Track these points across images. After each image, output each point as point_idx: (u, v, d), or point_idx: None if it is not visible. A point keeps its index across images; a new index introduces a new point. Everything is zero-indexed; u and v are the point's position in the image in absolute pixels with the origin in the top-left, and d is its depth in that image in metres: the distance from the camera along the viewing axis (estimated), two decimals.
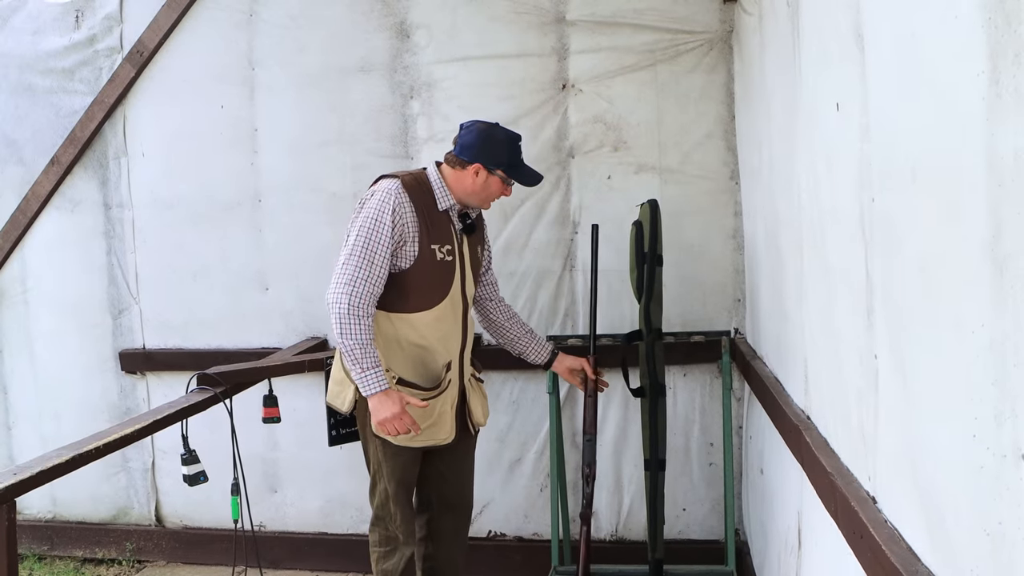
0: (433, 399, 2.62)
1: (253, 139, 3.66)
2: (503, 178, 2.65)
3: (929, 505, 1.19)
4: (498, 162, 2.61)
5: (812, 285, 1.93)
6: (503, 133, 2.66)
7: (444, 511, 2.85)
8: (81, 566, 3.97)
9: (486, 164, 2.60)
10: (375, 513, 2.73)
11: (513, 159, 2.65)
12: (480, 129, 2.63)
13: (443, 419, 2.67)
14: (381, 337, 2.57)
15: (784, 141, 2.20)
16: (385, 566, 2.73)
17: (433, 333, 2.62)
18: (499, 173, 2.63)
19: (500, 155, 2.62)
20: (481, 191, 2.64)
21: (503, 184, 2.66)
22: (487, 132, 2.63)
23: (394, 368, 2.59)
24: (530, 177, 2.70)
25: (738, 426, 3.33)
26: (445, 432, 2.68)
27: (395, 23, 3.48)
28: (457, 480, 2.85)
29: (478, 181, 2.61)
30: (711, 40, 3.23)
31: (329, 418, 2.96)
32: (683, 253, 3.30)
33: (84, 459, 2.29)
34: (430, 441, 2.66)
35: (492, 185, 2.64)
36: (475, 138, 2.61)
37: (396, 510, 2.67)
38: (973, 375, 0.99)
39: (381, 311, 2.57)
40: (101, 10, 3.75)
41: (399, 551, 2.71)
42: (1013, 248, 0.88)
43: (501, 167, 2.62)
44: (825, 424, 1.86)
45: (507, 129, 2.70)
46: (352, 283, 2.47)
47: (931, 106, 1.10)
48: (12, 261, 3.99)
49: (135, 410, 3.86)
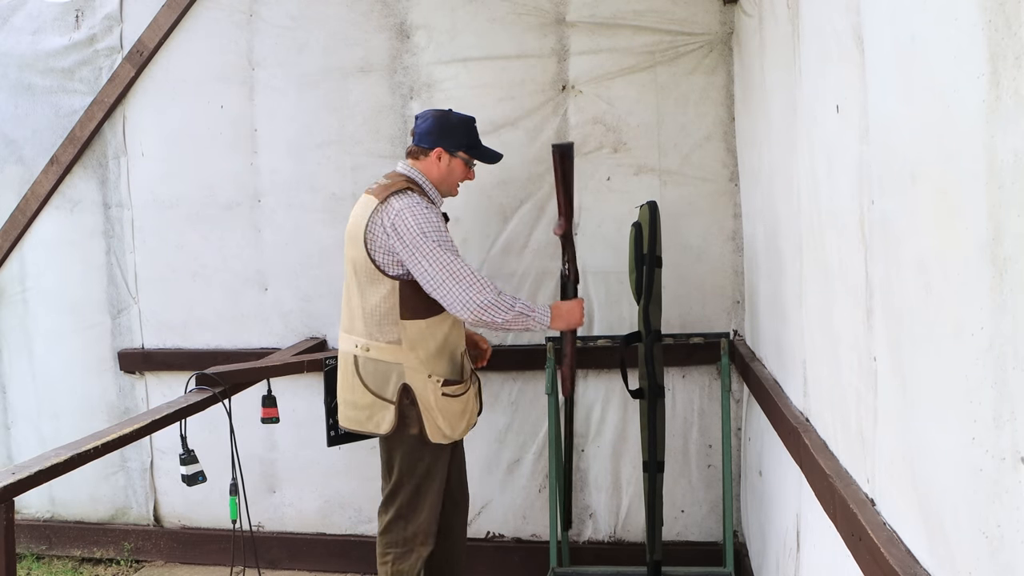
0: (467, 391, 2.72)
1: (253, 139, 3.66)
2: (465, 159, 2.73)
3: (928, 507, 1.19)
4: (458, 144, 2.70)
5: (811, 287, 1.93)
6: (457, 116, 2.75)
7: (452, 507, 2.88)
8: (79, 566, 3.97)
9: (447, 148, 2.68)
10: (394, 513, 2.70)
11: (472, 140, 2.75)
12: (435, 115, 2.72)
13: (473, 403, 2.79)
14: (422, 346, 2.61)
15: (784, 143, 2.20)
16: (402, 567, 2.71)
17: (454, 326, 2.71)
18: (461, 155, 2.71)
19: (459, 137, 2.71)
20: (447, 176, 2.72)
21: (466, 167, 2.74)
22: (442, 117, 2.72)
23: (436, 372, 2.63)
24: (491, 156, 2.78)
25: (737, 428, 3.33)
26: (475, 415, 2.82)
27: (395, 24, 3.48)
28: (461, 475, 2.93)
29: (442, 166, 2.69)
30: (711, 42, 3.23)
31: (328, 418, 2.96)
32: (682, 255, 3.30)
33: (82, 459, 2.29)
34: (469, 428, 2.79)
35: (456, 169, 2.72)
36: (431, 124, 2.70)
37: (425, 508, 2.69)
38: (972, 377, 0.99)
39: (420, 320, 2.60)
40: (101, 10, 3.75)
41: (416, 552, 2.70)
42: (1013, 250, 0.88)
43: (461, 148, 2.71)
44: (824, 426, 1.86)
45: (460, 113, 2.78)
46: (470, 282, 2.53)
47: (931, 108, 1.10)
48: (11, 260, 3.99)
49: (134, 410, 3.86)
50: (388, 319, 2.59)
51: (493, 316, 2.54)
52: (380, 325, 2.59)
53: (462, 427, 2.72)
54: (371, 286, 2.59)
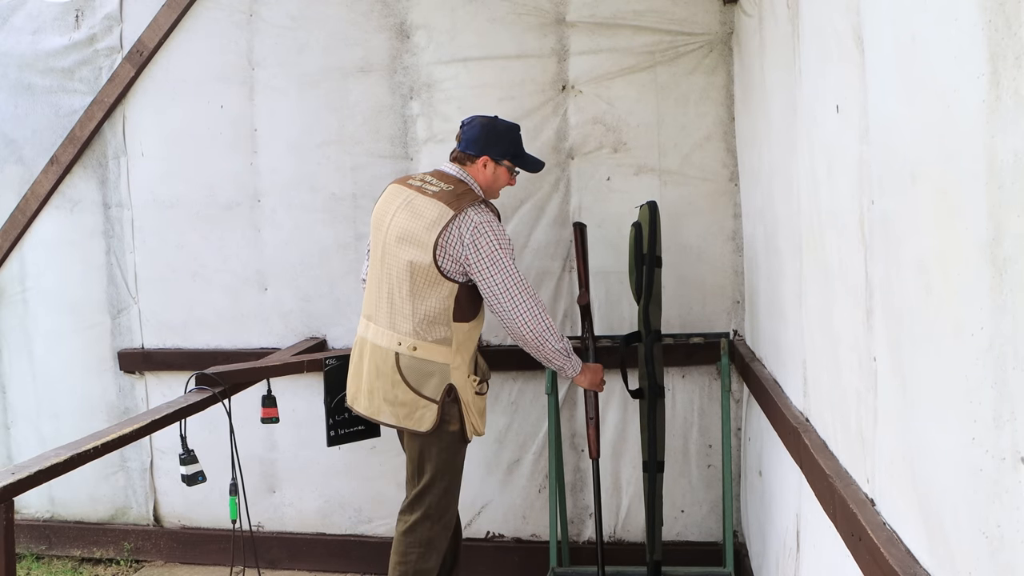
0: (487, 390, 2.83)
1: (253, 139, 3.66)
2: (509, 167, 2.78)
3: (928, 507, 1.18)
4: (504, 152, 2.75)
5: (811, 287, 1.93)
6: (504, 124, 2.80)
7: None
8: (79, 566, 3.97)
9: (493, 156, 2.73)
10: (423, 513, 2.71)
11: (517, 148, 2.81)
12: (482, 123, 2.76)
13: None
14: (468, 347, 2.71)
15: (784, 143, 2.20)
16: (425, 566, 2.72)
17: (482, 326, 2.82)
18: (505, 163, 2.76)
19: (505, 145, 2.76)
20: (492, 183, 2.77)
21: (509, 174, 2.80)
22: (490, 125, 2.76)
23: (473, 371, 2.75)
24: (534, 164, 2.85)
25: (737, 428, 3.33)
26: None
27: (395, 24, 3.48)
28: None
29: (487, 173, 2.74)
30: (711, 42, 3.23)
31: (328, 418, 2.96)
32: (682, 255, 3.30)
33: (82, 459, 2.29)
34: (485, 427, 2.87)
35: (500, 176, 2.78)
36: (479, 132, 2.74)
37: (453, 505, 2.78)
38: (972, 378, 0.99)
39: (467, 323, 2.68)
40: (101, 10, 3.75)
41: (436, 550, 2.74)
42: (1013, 251, 0.87)
43: (507, 157, 2.76)
44: (824, 426, 1.86)
45: (506, 120, 2.83)
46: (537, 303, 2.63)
47: (931, 108, 1.10)
48: (11, 260, 3.99)
49: (134, 410, 3.86)
50: (441, 320, 2.64)
51: (546, 340, 2.64)
52: (432, 325, 2.64)
53: (484, 424, 2.81)
54: (429, 288, 2.63)
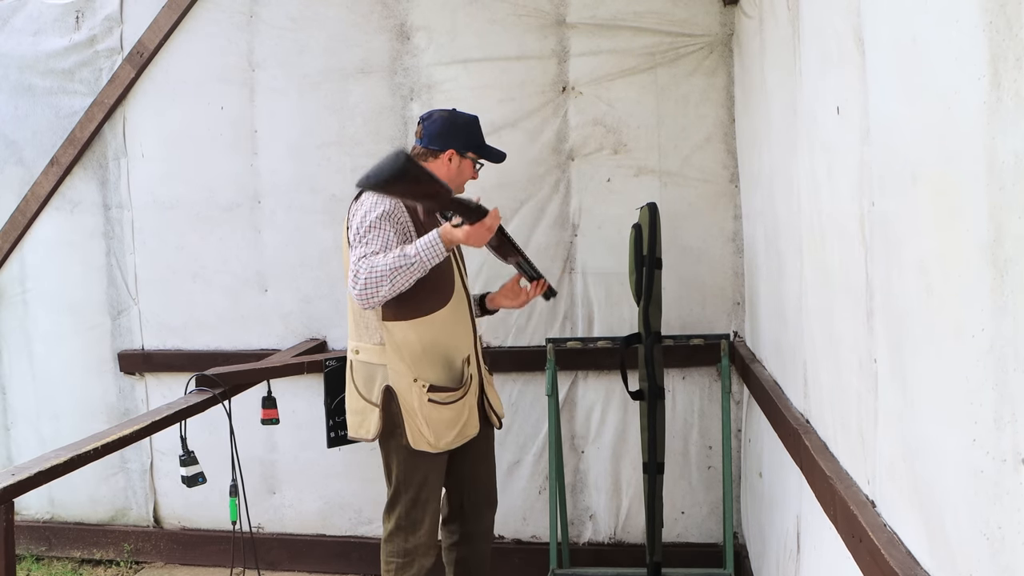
0: (461, 399, 2.62)
1: (253, 140, 3.66)
2: (473, 159, 2.73)
3: (928, 509, 1.18)
4: (467, 144, 2.70)
5: (812, 288, 1.93)
6: (464, 117, 2.75)
7: (478, 512, 2.83)
8: (79, 567, 3.97)
9: (458, 149, 2.68)
10: (394, 524, 2.64)
11: (479, 140, 2.76)
12: (443, 117, 2.71)
13: (472, 414, 2.67)
14: (407, 349, 2.53)
15: (784, 144, 2.20)
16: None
17: (451, 330, 2.61)
18: (470, 155, 2.72)
19: (467, 137, 2.71)
20: (456, 177, 2.71)
21: (473, 167, 2.75)
22: (451, 119, 2.71)
23: (423, 376, 2.54)
24: (496, 155, 2.78)
25: (737, 429, 3.33)
26: (473, 427, 2.69)
27: (395, 25, 3.49)
28: (489, 478, 2.85)
29: (452, 167, 2.68)
30: (711, 43, 3.23)
31: (328, 420, 2.96)
32: (682, 256, 3.30)
33: (82, 460, 2.29)
34: (461, 439, 2.64)
35: (465, 169, 2.72)
36: (441, 126, 2.69)
37: (426, 519, 2.62)
38: (973, 379, 0.99)
39: (403, 322, 2.53)
40: (101, 11, 3.75)
41: (418, 562, 2.63)
42: (1013, 252, 0.87)
43: (471, 149, 2.71)
44: (824, 427, 1.86)
45: (465, 112, 2.78)
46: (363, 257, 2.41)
47: (932, 110, 1.10)
48: (11, 261, 3.99)
49: (134, 411, 3.86)
50: (371, 321, 2.56)
51: (382, 277, 2.36)
52: (367, 327, 2.58)
53: (450, 437, 2.59)
54: None
